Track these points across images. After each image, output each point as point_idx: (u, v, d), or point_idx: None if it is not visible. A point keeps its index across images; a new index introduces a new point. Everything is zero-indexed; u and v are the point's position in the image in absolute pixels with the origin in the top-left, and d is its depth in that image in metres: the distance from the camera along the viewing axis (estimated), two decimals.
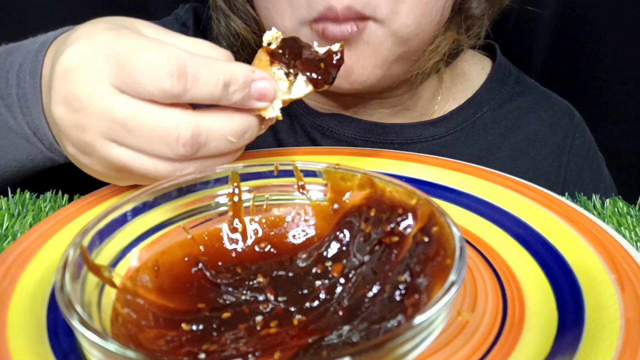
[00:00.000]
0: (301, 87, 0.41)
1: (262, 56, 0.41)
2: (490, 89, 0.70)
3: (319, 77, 0.41)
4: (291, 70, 0.41)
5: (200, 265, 0.36)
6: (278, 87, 0.39)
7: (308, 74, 0.40)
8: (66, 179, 0.55)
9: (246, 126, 0.38)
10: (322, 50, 0.42)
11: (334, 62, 0.42)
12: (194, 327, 0.32)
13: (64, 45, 0.38)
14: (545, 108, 0.72)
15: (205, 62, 0.36)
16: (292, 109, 0.68)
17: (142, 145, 0.36)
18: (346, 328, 0.31)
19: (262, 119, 0.40)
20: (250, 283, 0.36)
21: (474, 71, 0.72)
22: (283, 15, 0.55)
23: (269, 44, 0.42)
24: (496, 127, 0.69)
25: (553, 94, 0.74)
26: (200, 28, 0.71)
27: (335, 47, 0.42)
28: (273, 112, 0.39)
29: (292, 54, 0.41)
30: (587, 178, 0.71)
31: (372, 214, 0.37)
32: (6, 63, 0.49)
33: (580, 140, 0.71)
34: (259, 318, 0.33)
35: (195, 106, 0.38)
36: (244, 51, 0.64)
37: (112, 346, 0.25)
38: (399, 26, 0.54)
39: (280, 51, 0.41)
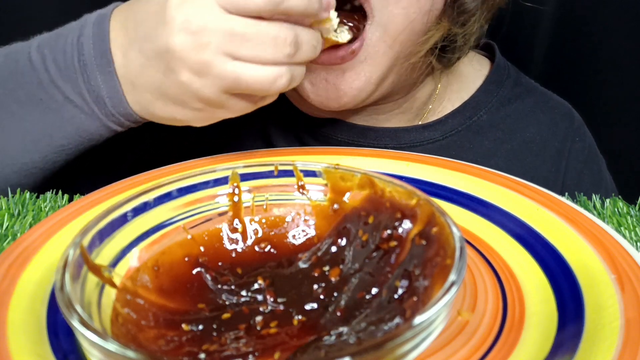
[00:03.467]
0: (345, 35, 0.51)
1: None
2: (487, 91, 0.68)
3: (357, 28, 0.52)
4: (343, 20, 0.50)
5: (202, 269, 0.36)
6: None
7: (350, 24, 0.51)
8: (66, 179, 0.55)
9: (318, 37, 0.47)
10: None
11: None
12: (194, 327, 0.32)
13: None
14: (544, 111, 0.70)
15: None
16: (284, 113, 0.67)
17: (256, 52, 0.43)
18: (346, 328, 0.31)
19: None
20: (250, 285, 0.35)
21: (470, 72, 0.70)
22: None
23: None
24: (493, 131, 0.67)
25: (553, 96, 0.72)
26: None
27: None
28: (332, 29, 0.48)
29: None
30: (587, 182, 0.69)
31: (371, 221, 0.37)
32: (58, 43, 0.51)
33: (580, 144, 0.69)
34: (258, 318, 0.32)
35: None
36: None
37: (112, 346, 0.25)
38: (387, 18, 0.53)
39: None
